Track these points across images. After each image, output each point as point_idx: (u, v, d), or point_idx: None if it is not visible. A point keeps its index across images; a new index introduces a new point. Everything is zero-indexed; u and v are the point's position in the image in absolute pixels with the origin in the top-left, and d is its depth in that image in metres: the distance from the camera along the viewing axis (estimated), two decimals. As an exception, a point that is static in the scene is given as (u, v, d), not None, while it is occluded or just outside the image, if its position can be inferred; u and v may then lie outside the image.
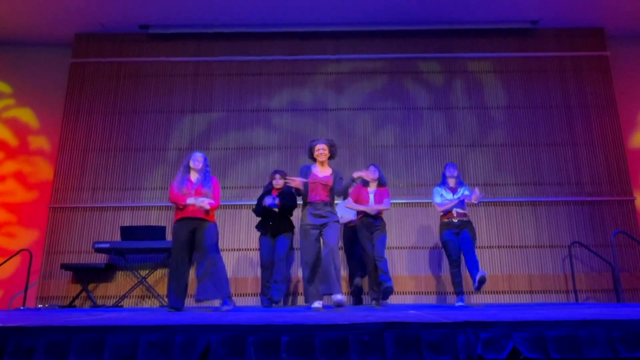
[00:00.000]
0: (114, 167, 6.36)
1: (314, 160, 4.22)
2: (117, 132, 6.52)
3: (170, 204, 6.20)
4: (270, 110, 6.61)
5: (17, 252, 5.84)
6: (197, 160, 4.05)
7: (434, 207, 5.83)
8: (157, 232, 5.56)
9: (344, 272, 5.73)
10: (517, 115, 6.57)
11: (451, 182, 4.94)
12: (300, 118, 6.59)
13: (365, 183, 4.81)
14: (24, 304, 5.70)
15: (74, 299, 5.69)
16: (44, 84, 6.85)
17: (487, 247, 6.05)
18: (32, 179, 6.54)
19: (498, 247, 6.06)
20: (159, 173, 6.35)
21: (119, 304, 5.65)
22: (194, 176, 4.04)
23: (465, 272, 4.86)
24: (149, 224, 6.05)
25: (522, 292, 5.89)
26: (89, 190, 6.27)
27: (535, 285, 5.90)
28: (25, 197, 6.47)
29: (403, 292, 5.87)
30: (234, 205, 6.14)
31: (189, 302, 5.26)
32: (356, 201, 4.71)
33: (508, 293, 5.88)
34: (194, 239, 3.89)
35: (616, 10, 6.41)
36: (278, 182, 5.01)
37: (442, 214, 4.86)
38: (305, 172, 4.15)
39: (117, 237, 5.88)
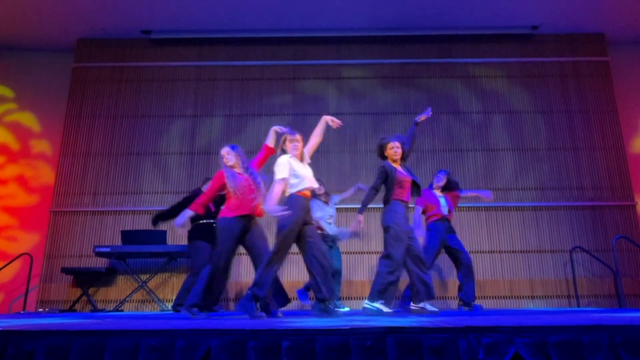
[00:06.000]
0: (116, 171, 6.37)
1: (385, 158, 3.89)
2: (119, 136, 6.53)
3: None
4: (272, 115, 6.63)
5: (18, 256, 5.84)
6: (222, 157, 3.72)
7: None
8: (158, 236, 5.56)
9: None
10: (518, 120, 6.58)
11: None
12: (302, 122, 6.59)
13: (432, 187, 4.90)
14: (24, 308, 5.70)
15: (75, 303, 5.69)
16: (46, 89, 6.88)
17: (489, 251, 6.04)
18: (33, 183, 6.55)
19: (499, 251, 6.05)
20: (161, 177, 6.35)
21: (120, 309, 5.64)
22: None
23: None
24: (150, 229, 6.04)
25: (523, 297, 5.87)
26: (90, 194, 6.27)
27: (536, 290, 5.89)
28: (26, 200, 6.48)
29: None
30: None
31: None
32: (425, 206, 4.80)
33: (509, 298, 5.86)
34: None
35: (616, 15, 6.43)
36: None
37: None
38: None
39: (118, 242, 5.88)
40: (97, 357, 1.79)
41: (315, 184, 3.45)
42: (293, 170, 3.35)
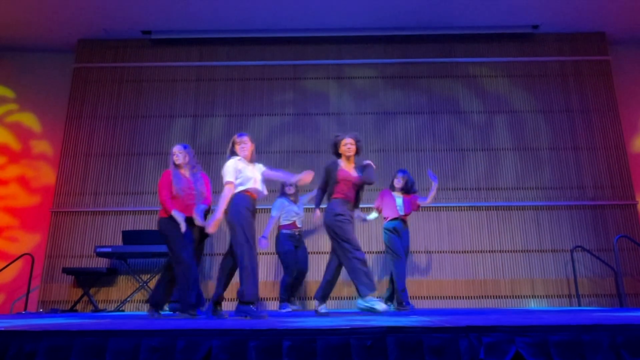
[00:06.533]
0: (116, 171, 6.38)
1: (339, 156, 3.91)
2: (120, 136, 6.54)
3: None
4: (272, 115, 6.63)
5: (19, 257, 5.85)
6: (175, 154, 3.89)
7: (436, 211, 5.98)
8: (159, 236, 5.55)
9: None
10: (518, 119, 6.57)
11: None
12: (302, 122, 6.61)
13: (392, 187, 5.05)
14: (25, 308, 5.71)
15: (76, 303, 5.69)
16: (47, 89, 6.88)
17: (490, 251, 6.04)
18: (34, 183, 6.56)
19: (500, 251, 6.04)
20: (161, 177, 6.35)
21: (121, 309, 5.64)
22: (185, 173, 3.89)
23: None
24: (151, 229, 6.05)
25: (524, 296, 5.86)
26: (91, 194, 6.28)
27: (537, 289, 5.88)
28: (27, 201, 6.49)
29: (405, 297, 5.85)
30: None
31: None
32: (379, 207, 5.04)
33: (510, 298, 5.86)
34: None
35: (617, 14, 6.42)
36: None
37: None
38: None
39: (119, 242, 5.88)
40: (99, 357, 1.79)
41: (259, 187, 3.47)
42: (239, 172, 3.41)
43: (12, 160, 6.64)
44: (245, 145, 3.53)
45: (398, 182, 5.00)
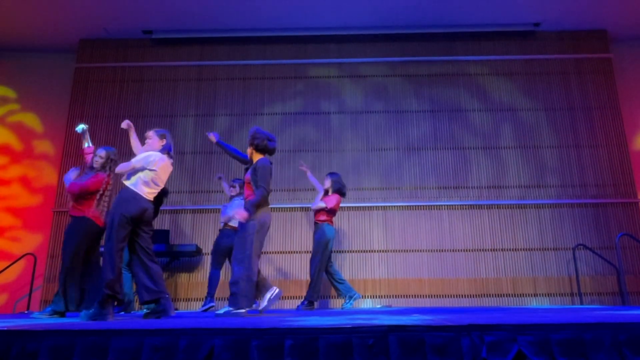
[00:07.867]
0: (118, 171, 6.38)
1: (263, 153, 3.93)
2: (121, 136, 6.53)
3: (175, 207, 6.22)
4: (273, 114, 6.63)
5: (22, 256, 5.87)
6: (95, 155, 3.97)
7: (438, 209, 5.95)
8: (160, 235, 5.57)
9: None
10: (520, 117, 6.56)
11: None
12: (303, 121, 6.61)
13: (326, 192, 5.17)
14: (28, 308, 5.72)
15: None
16: (49, 89, 6.90)
17: (491, 249, 6.04)
18: (36, 183, 6.57)
19: (502, 249, 6.04)
20: (163, 177, 6.36)
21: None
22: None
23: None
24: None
25: (526, 294, 5.86)
26: (92, 194, 6.27)
27: (539, 287, 5.88)
28: (29, 201, 6.50)
29: (406, 295, 5.86)
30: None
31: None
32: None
33: (512, 296, 5.86)
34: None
35: (619, 12, 6.40)
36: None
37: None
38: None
39: (121, 241, 5.87)
40: (101, 356, 1.79)
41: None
42: (155, 168, 3.44)
43: (14, 161, 6.66)
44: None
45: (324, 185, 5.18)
